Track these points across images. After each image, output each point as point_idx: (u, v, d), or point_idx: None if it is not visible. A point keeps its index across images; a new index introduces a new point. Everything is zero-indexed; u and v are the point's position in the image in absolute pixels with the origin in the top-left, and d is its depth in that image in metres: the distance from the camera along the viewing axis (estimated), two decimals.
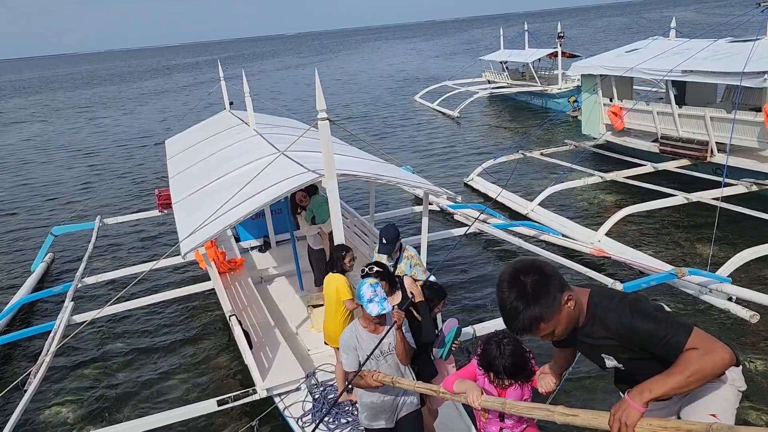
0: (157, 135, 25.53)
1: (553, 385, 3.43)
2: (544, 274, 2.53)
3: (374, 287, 3.74)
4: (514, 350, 3.58)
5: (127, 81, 71.85)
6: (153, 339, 8.14)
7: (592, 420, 2.53)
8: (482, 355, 3.67)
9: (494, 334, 3.75)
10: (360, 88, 38.65)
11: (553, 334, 2.63)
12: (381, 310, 3.68)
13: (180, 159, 10.06)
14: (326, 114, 5.07)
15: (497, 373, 3.59)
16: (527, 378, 3.70)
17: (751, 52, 10.17)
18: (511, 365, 3.57)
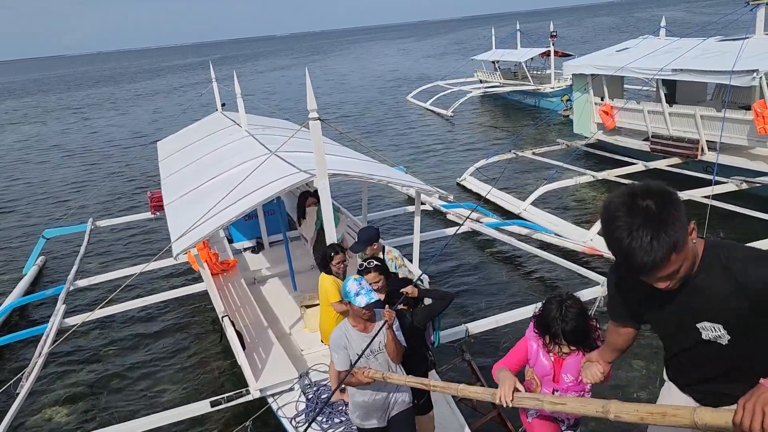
0: (149, 136, 25.45)
1: (600, 376, 3.01)
2: (667, 192, 2.05)
3: (359, 281, 3.75)
4: (578, 313, 3.24)
5: (119, 82, 71.58)
6: (145, 341, 8.12)
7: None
8: (540, 316, 3.38)
9: (556, 294, 3.41)
10: (352, 88, 38.66)
11: (676, 273, 2.10)
12: (369, 300, 3.67)
13: (172, 160, 10.04)
14: (317, 114, 5.08)
15: (554, 337, 3.26)
16: (589, 348, 3.33)
17: (740, 51, 10.25)
18: (572, 330, 3.21)
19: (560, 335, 3.24)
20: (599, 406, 2.46)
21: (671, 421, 2.16)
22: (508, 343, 7.06)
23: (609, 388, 6.04)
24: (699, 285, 2.17)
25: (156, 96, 48.47)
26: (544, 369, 3.47)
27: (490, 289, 8.61)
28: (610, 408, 2.39)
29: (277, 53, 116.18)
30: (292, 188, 5.91)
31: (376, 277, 4.41)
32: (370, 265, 4.44)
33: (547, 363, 3.44)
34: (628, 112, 12.98)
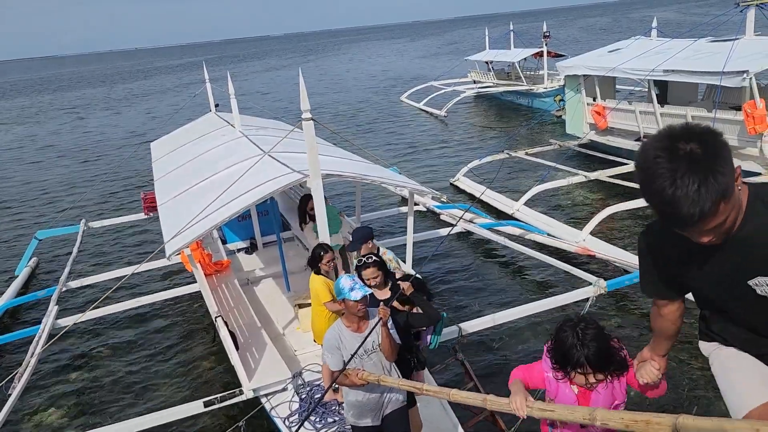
0: (143, 137, 25.39)
1: (657, 373, 2.72)
2: (712, 133, 1.79)
3: (351, 277, 3.80)
4: (597, 334, 2.90)
5: (113, 83, 71.33)
6: (139, 342, 8.11)
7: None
8: (555, 349, 2.99)
9: (565, 320, 3.07)
10: (346, 89, 38.68)
11: (723, 224, 1.85)
12: (364, 292, 3.73)
13: (165, 161, 10.03)
14: (310, 114, 5.10)
15: (577, 367, 2.89)
16: (619, 369, 2.99)
17: (731, 52, 10.32)
18: (596, 353, 2.85)
19: (584, 363, 2.87)
20: (586, 414, 2.51)
21: (655, 429, 2.20)
22: (501, 343, 7.10)
23: None
24: (746, 237, 1.90)
25: (149, 96, 48.33)
26: (569, 402, 3.10)
27: (483, 289, 8.65)
28: (596, 415, 2.45)
29: (271, 53, 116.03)
30: (285, 188, 5.91)
31: (374, 272, 4.44)
32: (369, 260, 4.47)
33: (571, 395, 3.07)
34: (620, 112, 13.05)
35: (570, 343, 2.89)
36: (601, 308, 7.46)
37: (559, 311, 7.33)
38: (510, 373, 3.18)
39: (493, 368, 6.61)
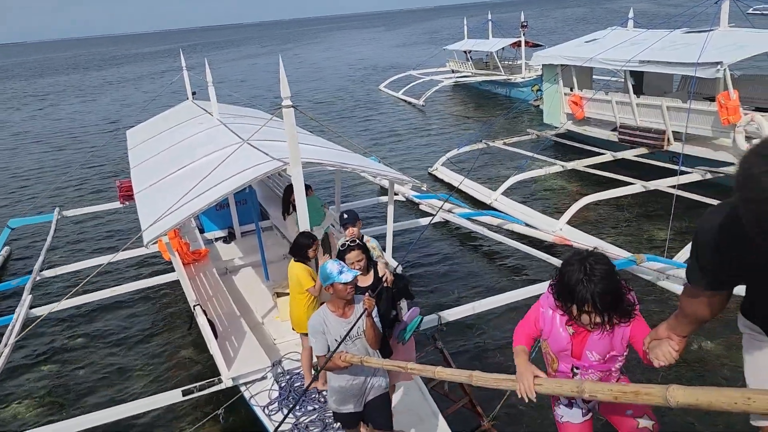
0: (118, 124, 24.97)
1: (675, 354, 2.51)
2: None
3: (337, 261, 3.83)
4: (607, 270, 2.65)
5: (87, 70, 69.92)
6: (115, 331, 8.02)
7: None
8: (559, 282, 2.78)
9: (573, 253, 2.82)
10: (324, 78, 38.43)
11: None
12: (354, 274, 3.75)
13: (142, 149, 9.88)
14: (290, 101, 5.06)
15: (582, 305, 2.66)
16: (623, 316, 2.80)
17: (705, 43, 10.47)
18: (604, 291, 2.62)
19: (590, 300, 2.62)
20: (574, 386, 2.55)
21: (644, 399, 2.24)
22: (479, 331, 7.16)
23: None
24: None
25: (125, 84, 47.50)
26: (560, 343, 3.01)
27: (462, 278, 8.71)
28: (584, 387, 2.48)
29: (248, 42, 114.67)
30: (264, 176, 5.88)
31: (358, 255, 4.45)
32: (353, 244, 4.49)
33: (564, 336, 2.95)
34: (596, 102, 13.18)
35: (576, 278, 2.64)
36: None
37: (536, 300, 7.43)
38: (516, 330, 3.11)
39: (471, 356, 6.68)
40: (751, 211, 1.63)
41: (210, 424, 5.69)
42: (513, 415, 5.58)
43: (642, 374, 5.57)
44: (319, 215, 7.30)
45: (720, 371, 5.97)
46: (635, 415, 3.13)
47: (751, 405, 1.84)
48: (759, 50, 10.16)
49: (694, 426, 5.15)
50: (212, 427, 5.72)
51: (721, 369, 6.01)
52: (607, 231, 9.79)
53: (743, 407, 1.86)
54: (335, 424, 4.76)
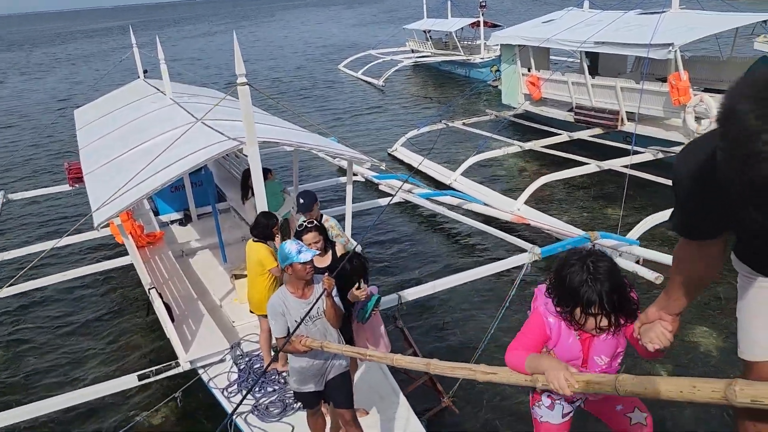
0: (66, 104, 24.05)
1: (670, 336, 2.36)
2: None
3: (296, 241, 3.80)
4: (611, 269, 2.51)
5: (32, 47, 66.98)
6: (67, 317, 7.79)
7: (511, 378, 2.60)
8: (558, 285, 2.60)
9: (570, 253, 2.64)
10: (282, 57, 37.77)
11: None
12: (313, 253, 3.73)
13: (91, 129, 9.54)
14: (246, 79, 4.93)
15: (589, 307, 2.50)
16: (629, 316, 2.62)
17: (658, 25, 10.67)
18: (610, 290, 2.46)
19: (597, 300, 2.46)
20: (528, 376, 2.57)
21: (596, 388, 2.29)
22: (440, 310, 7.22)
23: None
24: None
25: (73, 61, 45.71)
26: (572, 351, 2.77)
27: (422, 258, 8.75)
28: (538, 378, 2.51)
29: (201, 18, 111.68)
30: (220, 156, 5.74)
31: (315, 237, 4.42)
32: (310, 225, 4.47)
33: (575, 343, 2.74)
34: (553, 83, 13.34)
35: (580, 279, 2.47)
36: (536, 275, 7.71)
37: (496, 278, 7.54)
38: (507, 353, 2.75)
39: (432, 335, 6.74)
40: (725, 149, 1.52)
41: (168, 407, 5.60)
42: (472, 393, 5.67)
43: None
44: (277, 200, 7.18)
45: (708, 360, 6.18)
46: (625, 411, 3.03)
47: (696, 393, 1.88)
48: (708, 32, 10.42)
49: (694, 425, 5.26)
50: (170, 411, 5.63)
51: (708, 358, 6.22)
52: (563, 210, 9.97)
53: (689, 396, 1.90)
54: (296, 404, 4.75)
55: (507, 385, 3.13)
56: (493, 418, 5.36)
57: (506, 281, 7.55)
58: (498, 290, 7.51)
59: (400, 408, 4.67)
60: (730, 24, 10.83)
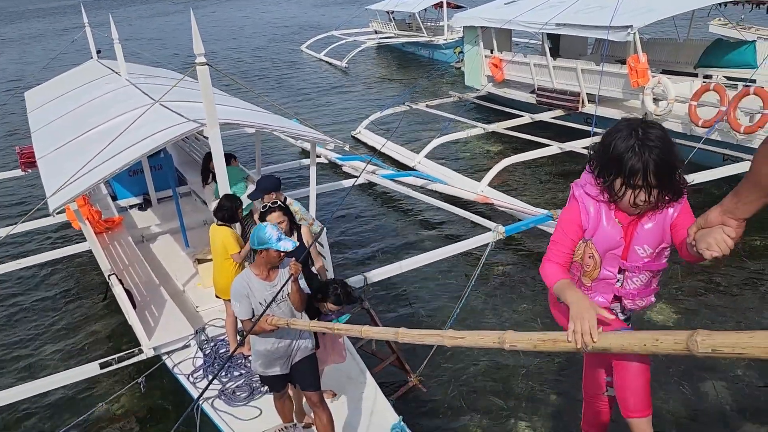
0: (15, 84, 23.13)
1: (731, 242, 2.02)
2: None
3: (275, 227, 3.67)
4: (662, 136, 2.23)
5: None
6: (23, 306, 7.55)
7: (479, 341, 2.60)
8: (602, 153, 2.34)
9: (620, 121, 2.38)
10: (243, 37, 36.99)
11: None
12: (294, 245, 3.64)
13: (43, 112, 9.19)
14: (205, 59, 4.81)
15: (632, 177, 2.24)
16: (675, 194, 2.36)
17: (617, 6, 10.80)
18: (659, 159, 2.20)
19: (641, 170, 2.19)
20: (495, 338, 2.57)
21: (562, 347, 2.32)
22: (407, 289, 7.26)
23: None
24: None
25: (21, 42, 43.89)
26: (611, 240, 2.49)
27: (388, 238, 8.76)
28: (505, 338, 2.51)
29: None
30: (179, 138, 5.61)
31: (279, 217, 4.36)
32: (274, 205, 4.40)
33: (616, 228, 2.46)
34: (515, 65, 13.41)
35: (626, 145, 2.21)
36: (500, 253, 7.81)
37: (461, 257, 7.61)
38: (544, 262, 2.50)
39: (398, 315, 6.77)
40: None
41: (131, 395, 5.51)
42: (438, 371, 5.73)
43: None
44: (240, 189, 7.03)
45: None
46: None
47: (659, 346, 1.92)
48: (666, 14, 10.59)
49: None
50: (134, 399, 5.55)
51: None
52: (526, 190, 10.09)
53: (652, 348, 1.94)
54: (263, 388, 4.72)
55: (475, 348, 3.11)
56: (460, 395, 5.44)
57: (472, 259, 7.63)
58: (464, 269, 7.59)
59: (368, 388, 4.69)
60: (687, 6, 11.04)
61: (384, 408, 4.44)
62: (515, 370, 5.69)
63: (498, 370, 5.71)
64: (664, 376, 5.40)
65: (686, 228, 2.22)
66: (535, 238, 8.17)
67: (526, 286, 7.19)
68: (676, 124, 10.10)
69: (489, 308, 6.78)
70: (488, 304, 6.85)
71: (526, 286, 7.19)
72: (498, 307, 6.80)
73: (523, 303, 6.83)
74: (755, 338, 1.68)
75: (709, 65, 11.36)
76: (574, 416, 5.03)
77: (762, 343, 1.66)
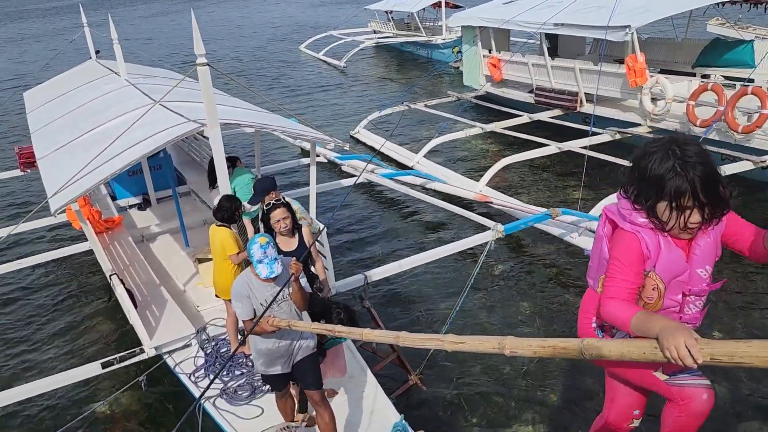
0: (14, 84, 23.11)
1: None
2: None
3: (264, 248, 3.55)
4: (701, 152, 2.12)
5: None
6: (23, 306, 7.57)
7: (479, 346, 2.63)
8: (639, 179, 2.21)
9: (648, 142, 2.27)
10: (242, 37, 36.97)
11: None
12: (269, 274, 3.56)
13: (42, 112, 9.19)
14: (206, 59, 4.82)
15: (678, 198, 2.11)
16: (724, 207, 2.23)
17: (615, 6, 10.83)
18: (706, 175, 2.08)
19: (689, 190, 2.06)
20: (495, 344, 2.58)
21: (562, 353, 2.33)
22: (407, 288, 7.28)
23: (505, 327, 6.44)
24: None
25: (20, 42, 43.84)
26: (677, 266, 2.34)
27: (387, 237, 8.79)
28: (506, 344, 2.52)
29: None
30: (180, 139, 5.62)
31: (284, 212, 4.38)
32: (278, 202, 4.41)
33: (678, 255, 2.31)
34: (514, 64, 13.44)
35: (666, 166, 2.08)
36: (498, 251, 7.83)
37: (461, 256, 7.64)
38: (605, 303, 2.32)
39: (399, 314, 6.80)
40: None
41: (133, 395, 5.54)
42: (438, 370, 5.76)
43: None
44: (249, 191, 6.98)
45: None
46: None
47: (658, 354, 1.95)
48: (664, 14, 10.62)
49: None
50: (136, 398, 5.57)
51: None
52: (525, 190, 10.12)
53: (651, 357, 1.97)
54: (264, 387, 4.74)
55: (476, 353, 3.13)
56: (460, 394, 5.47)
57: (471, 258, 7.66)
58: (463, 267, 7.62)
59: (369, 386, 4.72)
60: (685, 6, 11.07)
61: (385, 406, 4.46)
62: (515, 369, 5.72)
63: (498, 369, 5.74)
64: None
65: (744, 231, 2.21)
66: (534, 237, 8.22)
67: (526, 285, 7.22)
68: (674, 124, 10.14)
69: (488, 307, 6.81)
70: (487, 303, 6.88)
71: (525, 285, 7.22)
72: (497, 305, 6.83)
73: (522, 301, 6.86)
74: (752, 348, 1.70)
75: (707, 65, 11.41)
76: (574, 416, 5.08)
77: (759, 353, 1.69)
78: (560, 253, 7.88)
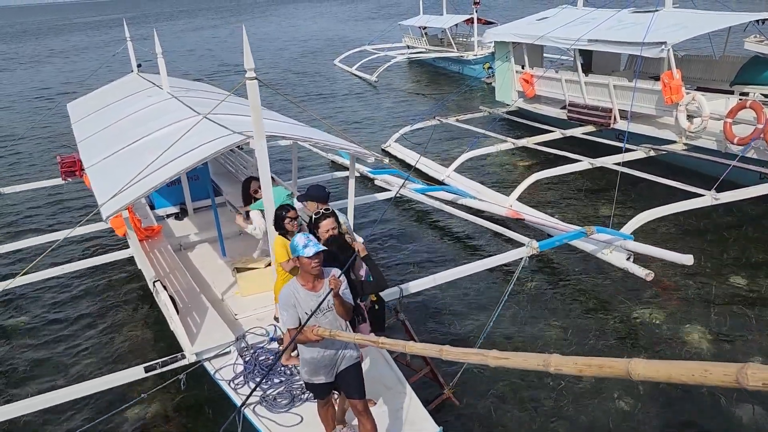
0: (57, 96, 23.87)
1: None
2: None
3: (306, 235, 3.84)
4: None
5: (24, 39, 66.23)
6: (67, 311, 7.80)
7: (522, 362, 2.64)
8: None
9: None
10: (277, 52, 37.62)
11: None
12: (317, 249, 3.76)
13: (87, 123, 9.51)
14: (254, 74, 4.98)
15: None
16: None
17: (651, 23, 10.80)
18: None
19: None
20: (540, 361, 2.59)
21: (608, 372, 2.34)
22: (440, 302, 7.32)
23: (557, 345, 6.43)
24: None
25: (65, 54, 45.26)
26: None
27: (421, 251, 8.84)
28: (551, 362, 2.53)
29: (195, 13, 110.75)
30: (225, 150, 5.79)
31: (332, 223, 4.47)
32: (327, 212, 4.51)
33: None
34: (547, 80, 13.44)
35: None
36: (531, 267, 7.83)
37: (494, 271, 7.65)
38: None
39: (432, 327, 6.84)
40: None
41: (175, 398, 5.68)
42: (471, 384, 5.78)
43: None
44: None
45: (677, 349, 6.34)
46: None
47: (707, 377, 1.96)
48: (701, 31, 10.57)
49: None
50: (177, 402, 5.70)
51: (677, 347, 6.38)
52: (556, 206, 10.10)
53: (701, 379, 1.98)
54: (303, 395, 4.82)
55: (517, 370, 3.09)
56: (493, 408, 5.48)
57: (502, 272, 7.68)
58: (494, 282, 7.63)
59: (406, 398, 4.75)
60: (722, 23, 10.98)
61: (423, 418, 4.50)
62: (547, 386, 5.71)
63: (530, 385, 5.74)
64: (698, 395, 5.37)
65: None
66: (565, 253, 8.19)
67: (558, 301, 7.20)
68: (711, 141, 10.03)
69: (521, 323, 6.81)
70: (518, 318, 6.88)
71: (557, 301, 7.20)
72: (530, 321, 6.82)
73: (553, 318, 6.85)
74: None
75: (745, 82, 11.27)
76: None
77: None
78: (591, 269, 7.85)
